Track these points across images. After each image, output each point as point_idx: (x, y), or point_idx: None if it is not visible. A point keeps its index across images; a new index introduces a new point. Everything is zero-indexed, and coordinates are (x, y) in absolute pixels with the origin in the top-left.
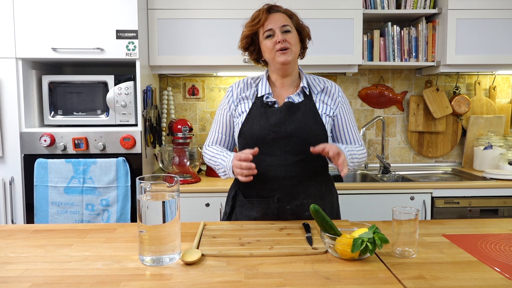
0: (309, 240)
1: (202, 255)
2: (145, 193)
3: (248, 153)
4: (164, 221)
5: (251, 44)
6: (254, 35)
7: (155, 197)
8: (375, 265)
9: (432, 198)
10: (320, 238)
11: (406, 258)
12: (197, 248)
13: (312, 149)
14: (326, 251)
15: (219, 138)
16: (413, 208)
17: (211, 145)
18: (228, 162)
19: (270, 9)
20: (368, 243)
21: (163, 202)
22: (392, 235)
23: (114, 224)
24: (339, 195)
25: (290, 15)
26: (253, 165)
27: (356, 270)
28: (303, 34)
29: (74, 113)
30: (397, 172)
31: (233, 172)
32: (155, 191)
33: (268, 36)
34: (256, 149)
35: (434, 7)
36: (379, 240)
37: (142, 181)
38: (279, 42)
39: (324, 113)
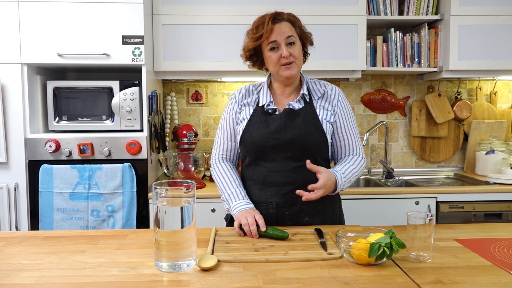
0: (323, 245)
1: (218, 261)
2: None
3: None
4: (182, 227)
5: (254, 55)
6: (257, 46)
7: (171, 202)
8: (392, 270)
9: (437, 202)
10: (333, 243)
11: (422, 262)
12: (212, 254)
13: (308, 162)
14: (342, 256)
15: (226, 145)
16: (428, 213)
17: (220, 158)
18: (232, 208)
19: (275, 19)
20: (386, 248)
21: (181, 208)
22: (407, 239)
23: (125, 230)
24: (342, 200)
25: (293, 21)
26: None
27: (374, 275)
28: (305, 41)
29: (79, 119)
30: (400, 177)
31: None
32: (171, 196)
33: (273, 48)
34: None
35: (436, 14)
36: (396, 245)
37: (157, 187)
38: (283, 57)
39: (325, 119)
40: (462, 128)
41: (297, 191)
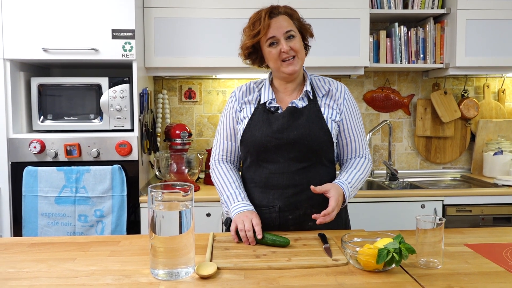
0: (328, 251)
1: (218, 268)
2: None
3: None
4: (180, 232)
5: (253, 52)
6: (255, 43)
7: (168, 206)
8: (401, 276)
9: (444, 206)
10: (338, 249)
11: (432, 269)
12: (211, 260)
13: (312, 188)
14: (348, 263)
15: (226, 146)
16: (438, 216)
17: (220, 159)
18: (231, 210)
19: (271, 13)
20: (395, 254)
21: (180, 212)
22: (416, 245)
23: (117, 236)
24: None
25: (291, 14)
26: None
27: (382, 282)
28: (305, 33)
29: (65, 118)
30: (404, 179)
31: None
32: (167, 200)
33: (272, 44)
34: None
35: (442, 7)
36: (406, 250)
37: (153, 190)
38: (284, 52)
39: (330, 118)
40: (469, 127)
41: (314, 216)
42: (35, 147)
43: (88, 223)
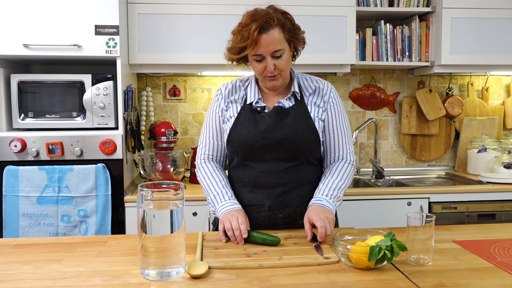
0: (319, 249)
1: (209, 267)
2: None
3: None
4: (171, 231)
5: (240, 58)
6: (242, 50)
7: (158, 206)
8: (392, 274)
9: (430, 203)
10: (329, 247)
11: (422, 266)
12: (201, 260)
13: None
14: (339, 260)
15: (212, 145)
16: (428, 214)
17: (205, 158)
18: (218, 210)
19: (262, 28)
20: (386, 251)
21: (171, 211)
22: (407, 242)
23: (104, 236)
24: None
25: (284, 23)
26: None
27: (374, 280)
28: (295, 44)
29: (47, 116)
30: (390, 177)
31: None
32: (157, 199)
33: (257, 60)
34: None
35: (427, 5)
36: (397, 247)
37: (143, 189)
38: (268, 71)
39: (317, 117)
40: (454, 125)
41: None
42: (15, 146)
43: (72, 223)
